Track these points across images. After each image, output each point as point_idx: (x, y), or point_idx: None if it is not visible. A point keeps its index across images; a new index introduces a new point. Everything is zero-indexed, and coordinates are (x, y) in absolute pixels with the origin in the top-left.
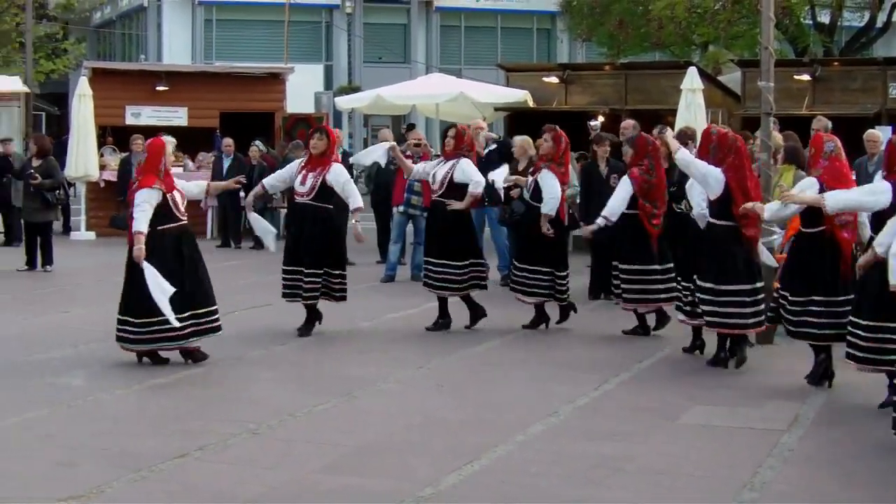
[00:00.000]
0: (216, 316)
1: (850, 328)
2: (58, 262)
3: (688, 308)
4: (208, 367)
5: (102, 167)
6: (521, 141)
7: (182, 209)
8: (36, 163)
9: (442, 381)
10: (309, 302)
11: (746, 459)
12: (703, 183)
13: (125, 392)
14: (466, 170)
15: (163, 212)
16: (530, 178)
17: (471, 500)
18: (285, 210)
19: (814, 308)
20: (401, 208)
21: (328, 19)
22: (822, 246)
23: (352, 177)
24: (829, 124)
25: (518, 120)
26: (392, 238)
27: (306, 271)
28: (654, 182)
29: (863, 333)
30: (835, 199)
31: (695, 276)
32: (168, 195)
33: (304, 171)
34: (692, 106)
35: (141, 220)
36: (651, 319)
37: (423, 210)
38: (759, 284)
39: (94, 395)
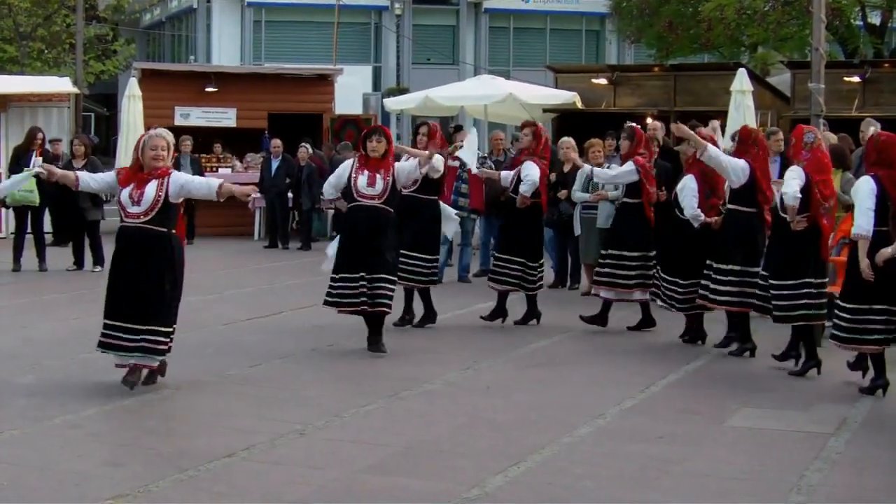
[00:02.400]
0: (156, 338)
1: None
2: (105, 262)
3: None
4: (256, 368)
5: None
6: (565, 143)
7: (130, 210)
8: (80, 163)
9: (489, 382)
10: (385, 310)
11: (793, 462)
12: (730, 173)
13: (172, 392)
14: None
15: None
16: (511, 173)
17: (517, 502)
18: (332, 212)
19: (807, 291)
20: None
21: (377, 21)
22: (805, 231)
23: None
24: (878, 126)
25: (567, 121)
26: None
27: (387, 277)
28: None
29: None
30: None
31: (713, 263)
32: (122, 190)
33: (365, 173)
34: (741, 107)
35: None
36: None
37: (470, 212)
38: None
39: (142, 395)
